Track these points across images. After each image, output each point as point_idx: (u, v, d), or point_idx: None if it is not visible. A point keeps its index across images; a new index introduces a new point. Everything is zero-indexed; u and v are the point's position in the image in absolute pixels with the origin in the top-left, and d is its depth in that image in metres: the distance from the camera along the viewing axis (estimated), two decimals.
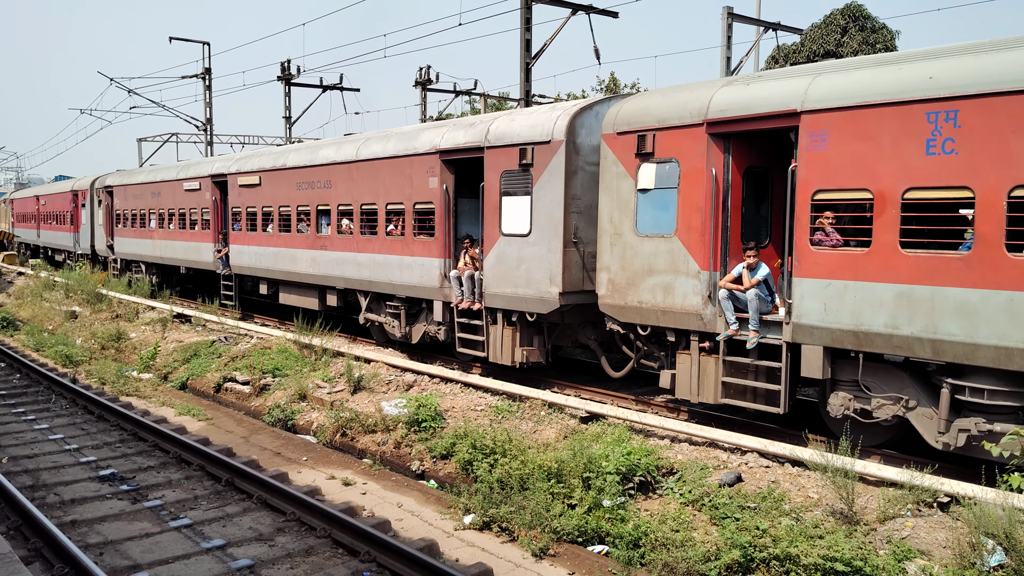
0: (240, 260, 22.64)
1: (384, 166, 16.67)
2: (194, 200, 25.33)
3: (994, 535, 7.14)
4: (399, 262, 16.31)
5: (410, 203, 15.89)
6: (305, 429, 13.87)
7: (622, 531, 8.68)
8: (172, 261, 27.41)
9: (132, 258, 30.96)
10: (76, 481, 10.56)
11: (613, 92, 39.35)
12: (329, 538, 8.64)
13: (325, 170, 18.64)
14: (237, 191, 22.49)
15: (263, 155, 21.78)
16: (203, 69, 37.81)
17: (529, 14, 21.61)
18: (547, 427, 11.63)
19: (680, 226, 11.06)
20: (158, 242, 28.18)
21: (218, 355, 18.23)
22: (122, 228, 31.62)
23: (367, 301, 17.58)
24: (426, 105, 34.35)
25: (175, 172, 27.23)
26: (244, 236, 22.30)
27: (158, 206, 28.05)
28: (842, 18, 34.95)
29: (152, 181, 28.77)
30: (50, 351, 20.43)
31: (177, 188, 26.51)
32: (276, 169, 20.63)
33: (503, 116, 14.26)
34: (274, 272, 20.84)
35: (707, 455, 9.98)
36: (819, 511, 8.28)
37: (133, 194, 30.46)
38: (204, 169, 24.94)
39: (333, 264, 18.30)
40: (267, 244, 21.00)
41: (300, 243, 19.50)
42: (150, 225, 28.76)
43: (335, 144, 18.77)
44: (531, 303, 13.36)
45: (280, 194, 20.39)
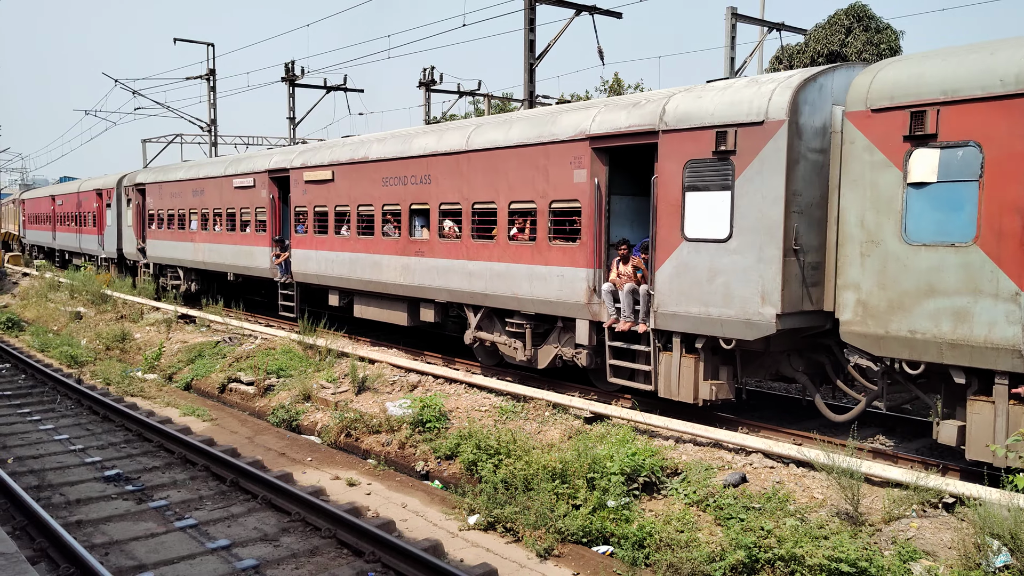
0: (305, 267, 19.70)
1: (507, 157, 13.82)
2: (246, 198, 22.34)
3: (999, 536, 7.13)
4: (528, 272, 13.51)
5: (544, 201, 13.17)
6: (310, 430, 13.89)
7: (627, 531, 8.68)
8: (217, 267, 24.39)
9: (167, 263, 27.82)
10: (81, 481, 10.59)
11: (617, 92, 39.35)
12: (334, 538, 8.65)
13: (422, 163, 15.78)
14: (302, 188, 19.63)
15: (336, 146, 19.02)
16: (207, 70, 37.88)
17: (533, 15, 21.61)
18: (551, 427, 11.63)
19: (984, 232, 8.37)
20: (200, 245, 25.08)
21: (222, 356, 18.26)
22: (155, 230, 28.52)
23: (477, 317, 14.82)
24: (430, 106, 34.38)
25: (222, 167, 24.08)
26: (310, 239, 19.47)
27: (201, 205, 25.02)
28: (846, 18, 34.86)
29: (194, 178, 25.69)
30: (55, 352, 20.48)
31: (225, 185, 23.47)
32: (355, 162, 17.82)
33: (683, 93, 11.51)
34: (349, 281, 18.10)
35: (712, 455, 9.98)
36: (824, 511, 8.27)
37: (170, 192, 27.42)
38: (260, 163, 21.95)
39: (433, 273, 15.52)
40: (341, 249, 18.24)
41: (386, 248, 16.78)
42: (190, 226, 25.73)
43: (435, 132, 16.08)
44: (731, 326, 10.53)
45: (360, 191, 17.60)
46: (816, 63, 33.68)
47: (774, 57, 35.52)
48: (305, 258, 19.69)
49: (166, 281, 28.03)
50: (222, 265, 24.07)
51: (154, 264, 28.92)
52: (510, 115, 14.85)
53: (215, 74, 37.96)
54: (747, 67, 25.51)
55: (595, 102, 13.67)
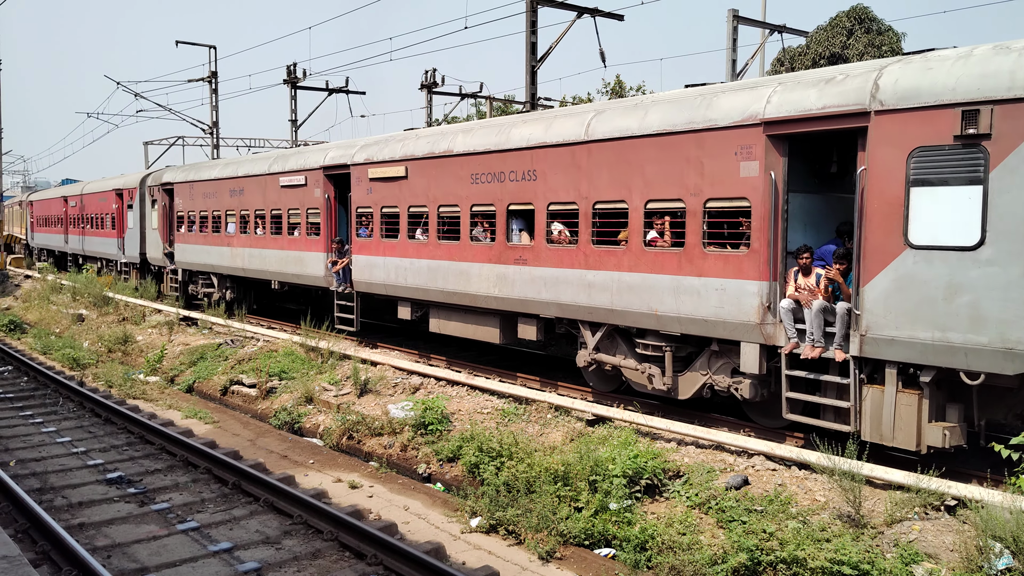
0: (369, 275, 17.38)
1: (642, 148, 11.62)
2: (296, 198, 20.00)
3: (1002, 538, 7.13)
4: (673, 285, 11.26)
5: (696, 200, 10.92)
6: (312, 432, 13.90)
7: (629, 534, 8.68)
8: (259, 274, 21.87)
9: (199, 269, 25.29)
10: (84, 484, 10.60)
11: (618, 95, 39.36)
12: (336, 541, 8.66)
13: (524, 156, 13.50)
14: (366, 186, 17.31)
15: (408, 139, 16.66)
16: (209, 72, 37.94)
17: (535, 17, 21.63)
18: (553, 430, 11.63)
19: None
20: (239, 251, 22.61)
21: (224, 358, 18.28)
22: (185, 233, 25.89)
23: (597, 336, 12.63)
24: (432, 108, 34.41)
25: (266, 164, 21.53)
26: (376, 244, 17.09)
27: (239, 206, 22.48)
28: (848, 20, 34.93)
29: (231, 176, 23.11)
30: (57, 354, 20.51)
31: (270, 184, 21.00)
32: (434, 157, 15.46)
33: (898, 64, 9.37)
34: (427, 292, 15.76)
35: (714, 458, 9.98)
36: (826, 514, 8.27)
37: (202, 192, 24.83)
38: (313, 159, 19.47)
39: (538, 284, 13.32)
40: (416, 255, 15.91)
41: (476, 255, 14.49)
42: (226, 229, 23.20)
43: (541, 120, 13.73)
44: (981, 357, 8.42)
45: (441, 189, 15.26)
46: (817, 65, 33.71)
47: (775, 59, 35.56)
48: (369, 265, 17.35)
49: (196, 288, 25.82)
50: (265, 272, 21.54)
51: (183, 270, 26.49)
52: (641, 99, 12.65)
53: (217, 76, 38.01)
54: (748, 69, 25.53)
55: (768, 80, 11.20)
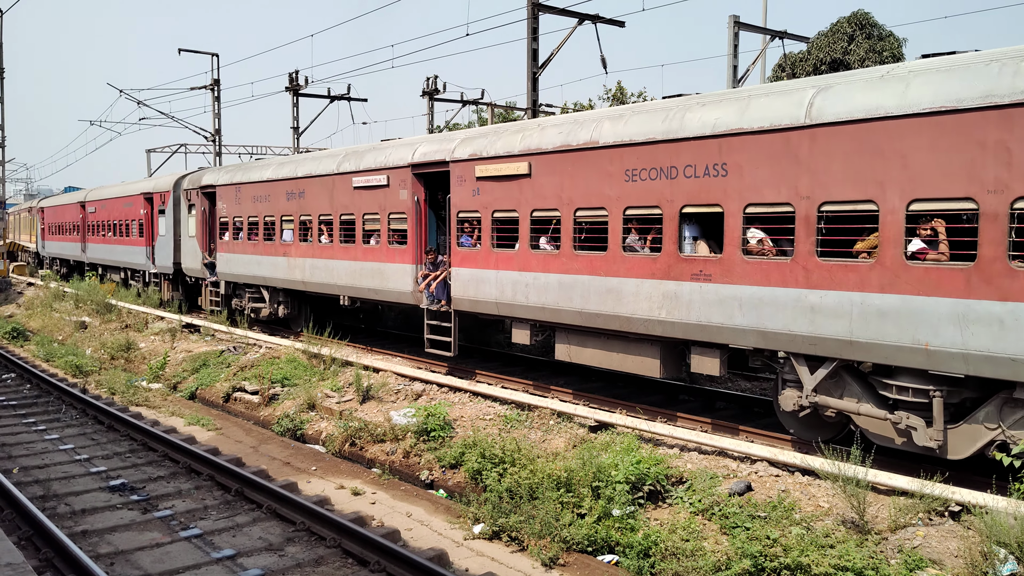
0: (475, 291, 14.59)
1: (903, 131, 8.94)
2: (374, 201, 17.21)
3: (1006, 544, 7.12)
4: (956, 311, 8.53)
5: (999, 199, 8.25)
6: (314, 439, 13.89)
7: (632, 540, 8.67)
8: (325, 288, 19.07)
9: (247, 281, 22.38)
10: (87, 491, 10.60)
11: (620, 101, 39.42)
12: (339, 548, 8.65)
13: (709, 147, 10.78)
14: (470, 187, 14.61)
15: (530, 129, 13.83)
16: (212, 80, 38.04)
17: (536, 24, 21.69)
18: (556, 436, 11.62)
19: None
20: (298, 261, 19.85)
21: (227, 365, 18.29)
22: (230, 241, 23.01)
23: (819, 374, 9.93)
24: (433, 115, 34.49)
25: (334, 162, 18.69)
26: (485, 255, 14.33)
27: (300, 211, 19.79)
28: (849, 26, 34.97)
29: (289, 177, 20.27)
30: (60, 361, 20.52)
31: (339, 185, 18.29)
32: (571, 150, 12.67)
33: None
34: (556, 312, 13.00)
35: (717, 464, 9.96)
36: (830, 520, 8.26)
37: (252, 195, 21.98)
38: (398, 155, 16.71)
39: (729, 306, 10.58)
40: (542, 268, 13.20)
41: (632, 269, 11.77)
42: (282, 237, 20.45)
43: (731, 101, 10.89)
44: None
45: (580, 189, 12.56)
46: (819, 71, 33.76)
47: (777, 65, 35.62)
48: (475, 280, 14.53)
49: (242, 303, 22.98)
50: (332, 287, 18.74)
51: (226, 282, 23.61)
52: (891, 68, 9.91)
53: (219, 84, 38.11)
54: (750, 75, 25.57)
55: None
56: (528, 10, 21.65)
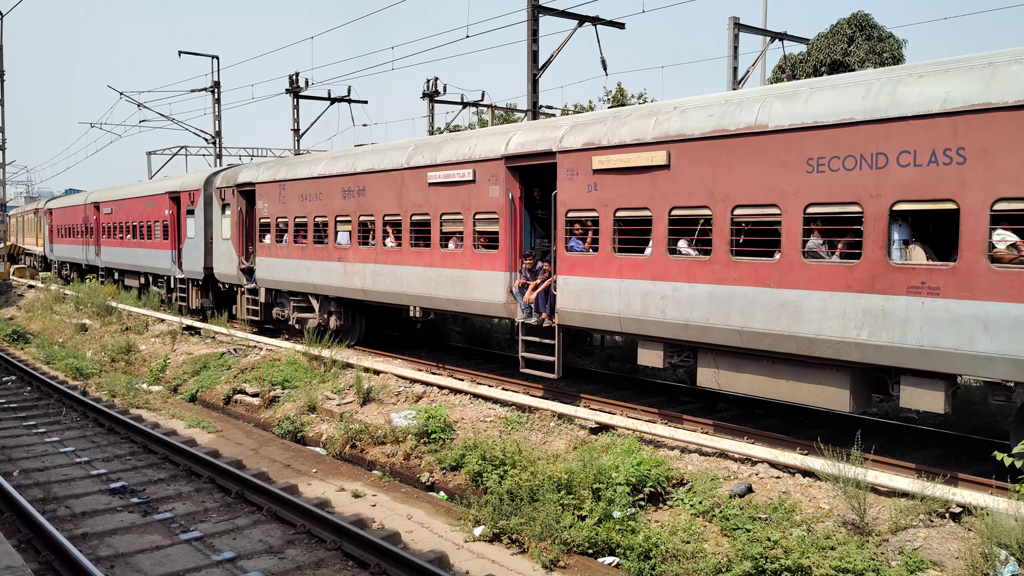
0: (590, 303, 12.41)
1: None
2: (456, 199, 15.04)
3: (1007, 545, 7.11)
4: None
5: None
6: (315, 441, 13.89)
7: (633, 542, 8.66)
8: (390, 298, 16.99)
9: (292, 288, 20.18)
10: (87, 494, 10.60)
11: (620, 103, 39.46)
12: (339, 550, 8.64)
13: (937, 128, 8.77)
14: (585, 181, 12.43)
15: (665, 112, 11.66)
16: (212, 82, 38.08)
17: (536, 26, 21.70)
18: (557, 438, 11.61)
19: None
20: (357, 267, 17.70)
21: (227, 367, 18.29)
22: (272, 244, 20.82)
23: None
24: (434, 116, 34.50)
25: (403, 155, 16.48)
26: (604, 261, 12.18)
27: (359, 210, 17.65)
28: (848, 27, 34.99)
29: (347, 172, 18.07)
30: (60, 364, 20.53)
31: (410, 181, 16.15)
32: (727, 135, 10.62)
33: None
34: (705, 330, 10.89)
35: (717, 465, 9.96)
36: (830, 522, 8.25)
37: (299, 193, 19.77)
38: (484, 146, 14.50)
39: (970, 328, 8.52)
40: (685, 278, 11.08)
41: (816, 279, 9.73)
42: (337, 240, 18.41)
43: (975, 68, 8.79)
44: None
45: (739, 183, 10.49)
46: (819, 72, 33.79)
47: (777, 67, 35.62)
48: (590, 290, 12.43)
49: (285, 312, 20.81)
50: (400, 296, 16.60)
51: (266, 290, 21.46)
52: None
53: (220, 86, 38.14)
54: (750, 77, 25.57)
55: None
56: (528, 12, 21.66)
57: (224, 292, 25.00)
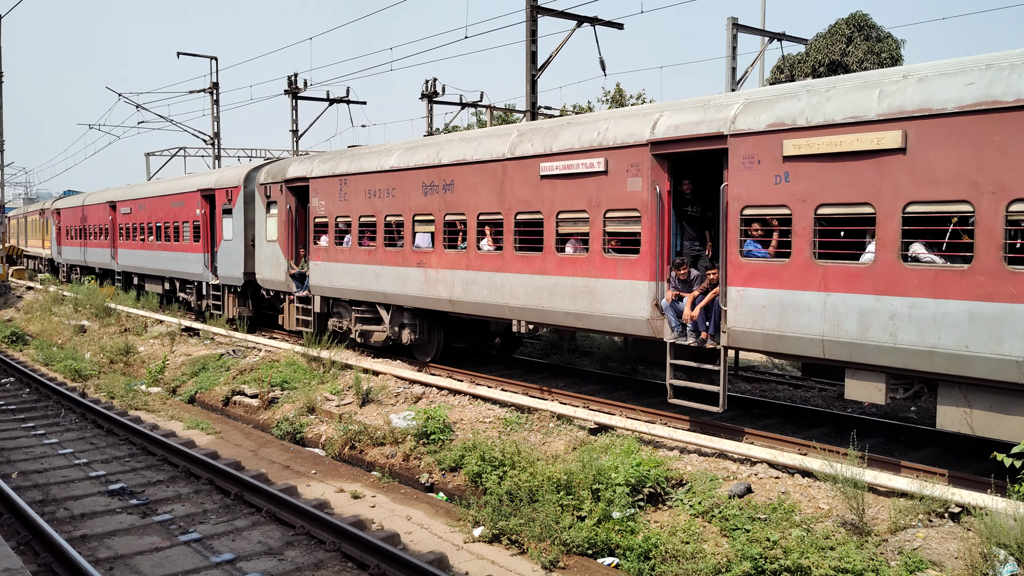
0: (781, 322, 10.06)
1: None
2: (580, 194, 12.65)
3: (1006, 545, 7.11)
4: None
5: None
6: (314, 442, 13.88)
7: (632, 543, 8.66)
8: (487, 310, 14.57)
9: (355, 297, 17.97)
10: (86, 495, 10.59)
11: (619, 104, 39.47)
12: (338, 552, 8.64)
13: None
14: (770, 171, 10.10)
15: (893, 82, 9.37)
16: (211, 84, 38.09)
17: (535, 26, 21.70)
18: (556, 439, 11.61)
19: None
20: (442, 273, 15.35)
21: (226, 368, 18.28)
22: (330, 247, 18.58)
23: None
24: (432, 117, 34.50)
25: (506, 143, 14.16)
26: (799, 270, 9.87)
27: (446, 208, 15.33)
28: (847, 28, 35.03)
29: (430, 165, 15.68)
30: (59, 365, 20.52)
31: (514, 173, 13.82)
32: (1004, 108, 8.29)
33: None
34: (958, 360, 8.65)
35: (717, 466, 9.96)
36: (830, 522, 8.25)
37: (366, 189, 17.47)
38: (624, 130, 12.11)
39: None
40: (929, 292, 8.84)
41: None
42: (415, 242, 16.11)
43: None
44: None
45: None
46: (817, 73, 33.81)
47: (775, 67, 35.66)
48: (778, 305, 10.08)
49: (345, 323, 18.54)
50: (501, 308, 14.16)
51: (322, 298, 19.13)
52: None
53: (218, 87, 38.15)
54: (748, 77, 25.59)
55: None
56: (527, 12, 21.67)
57: (266, 300, 22.55)
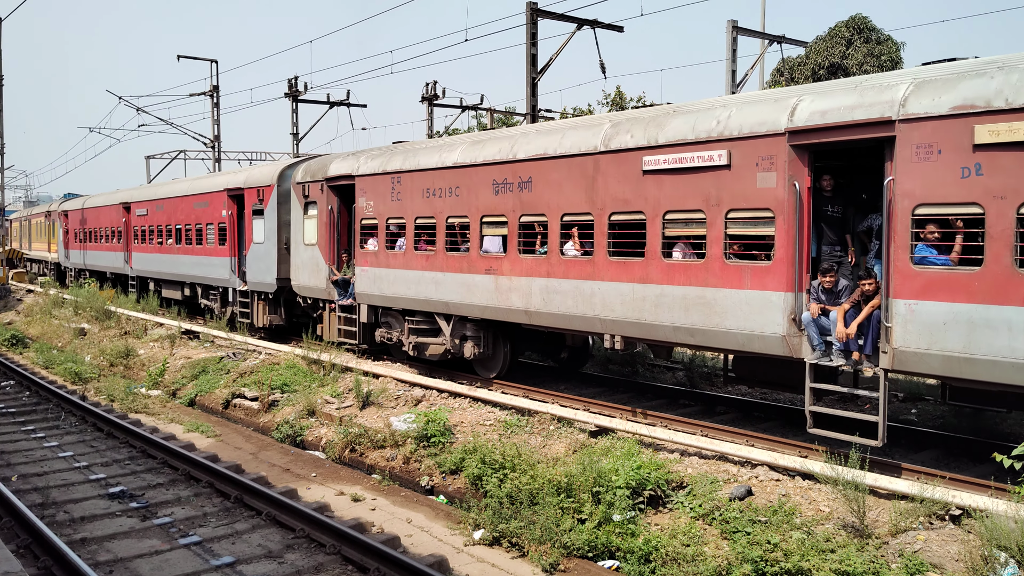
0: (969, 344, 8.58)
1: None
2: (694, 191, 11.04)
3: (1007, 547, 7.11)
4: None
5: None
6: (314, 445, 13.88)
7: (633, 546, 8.65)
8: (571, 323, 12.96)
9: (408, 306, 16.24)
10: (86, 499, 10.58)
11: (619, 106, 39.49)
12: (339, 555, 8.63)
13: None
14: (957, 162, 8.66)
15: None
16: (211, 87, 38.13)
17: (535, 29, 21.72)
18: (556, 441, 11.61)
19: None
20: (518, 281, 13.67)
21: (226, 371, 18.27)
22: (380, 252, 16.88)
23: None
24: (432, 120, 34.52)
25: (597, 135, 12.42)
26: (996, 282, 8.41)
27: (521, 208, 13.61)
28: (847, 30, 35.06)
29: (501, 160, 13.99)
30: (59, 368, 20.51)
31: (608, 168, 12.15)
32: None
33: None
34: None
35: (717, 468, 9.95)
36: (830, 524, 8.24)
37: (423, 187, 15.69)
38: (751, 117, 10.54)
39: None
40: None
41: None
42: (483, 246, 14.38)
43: None
44: None
45: None
46: (817, 75, 33.82)
47: (775, 70, 35.69)
48: (963, 323, 8.60)
49: (393, 334, 17.01)
50: (591, 321, 12.52)
51: (368, 307, 17.51)
52: None
53: (218, 90, 38.19)
54: (748, 80, 25.60)
55: None
56: (527, 15, 21.69)
57: (300, 308, 20.82)
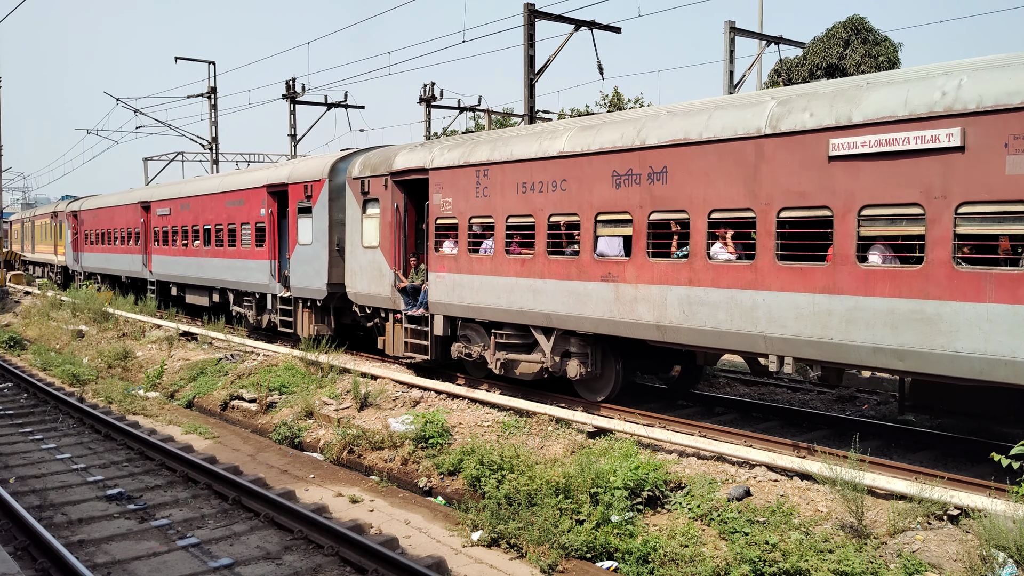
0: None
1: None
2: (906, 182, 8.84)
3: (1005, 547, 7.11)
4: None
5: None
6: (312, 446, 13.86)
7: (631, 547, 8.65)
8: (722, 341, 10.76)
9: (498, 318, 14.09)
10: (83, 500, 10.56)
11: (616, 107, 39.50)
12: (337, 556, 8.62)
13: None
14: None
15: None
16: (209, 88, 38.11)
17: (532, 30, 21.74)
18: (554, 442, 11.60)
19: None
20: (647, 291, 11.51)
21: (224, 373, 18.26)
22: (460, 255, 14.74)
23: None
24: (430, 121, 34.53)
25: (759, 115, 10.21)
26: None
27: (651, 205, 11.50)
28: (844, 31, 35.07)
29: (622, 148, 11.89)
30: (57, 370, 20.49)
31: (775, 155, 9.99)
32: None
33: None
34: None
35: (715, 469, 9.95)
36: (828, 525, 8.24)
37: (517, 181, 13.64)
38: (989, 87, 8.23)
39: None
40: None
41: None
42: (597, 249, 12.26)
43: None
44: None
45: None
46: (815, 76, 33.84)
47: (772, 70, 35.70)
48: None
49: (473, 349, 14.96)
50: (751, 338, 10.34)
51: (445, 317, 15.29)
52: None
53: (216, 92, 38.16)
54: (746, 80, 25.62)
55: None
56: (524, 16, 21.70)
57: (354, 318, 18.57)
